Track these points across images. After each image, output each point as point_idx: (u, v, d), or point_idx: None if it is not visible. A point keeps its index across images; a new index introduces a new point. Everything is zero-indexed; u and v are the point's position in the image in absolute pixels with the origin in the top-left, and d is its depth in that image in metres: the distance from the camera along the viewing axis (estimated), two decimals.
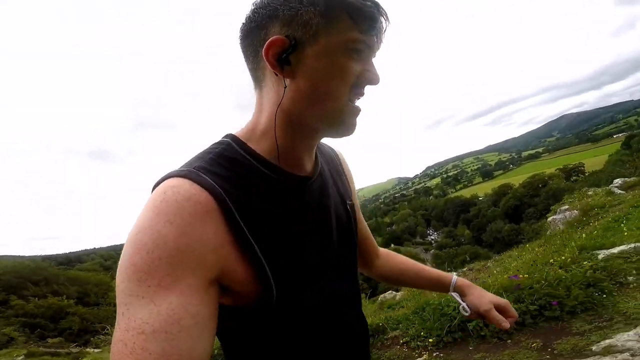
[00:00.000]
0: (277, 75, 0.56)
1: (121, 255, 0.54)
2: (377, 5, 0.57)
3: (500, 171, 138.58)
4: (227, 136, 0.60)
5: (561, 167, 56.53)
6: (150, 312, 0.50)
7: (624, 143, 42.39)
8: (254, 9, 0.58)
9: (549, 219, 6.94)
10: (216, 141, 0.60)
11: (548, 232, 6.53)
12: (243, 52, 0.61)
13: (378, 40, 0.59)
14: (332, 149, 0.78)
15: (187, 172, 0.54)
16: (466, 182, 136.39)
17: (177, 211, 0.53)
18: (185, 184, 0.53)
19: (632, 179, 7.55)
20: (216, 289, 0.55)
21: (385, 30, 0.59)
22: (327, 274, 0.63)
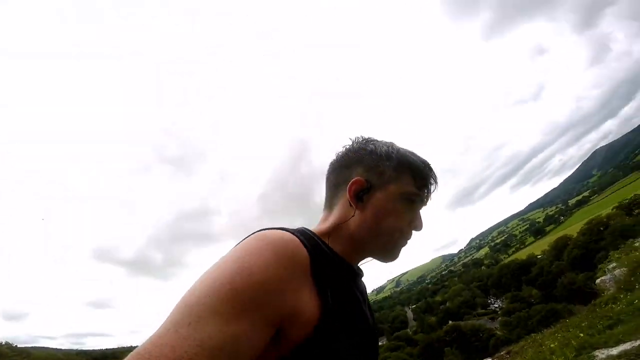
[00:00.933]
0: (351, 205, 0.79)
1: (211, 272, 0.72)
2: (432, 170, 0.80)
3: (552, 225, 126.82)
4: (301, 227, 0.79)
5: (617, 204, 51.65)
6: (220, 330, 0.70)
7: None
8: (345, 152, 0.80)
9: (598, 280, 6.38)
10: (294, 227, 0.79)
11: (598, 301, 5.72)
12: (328, 179, 0.80)
13: (428, 196, 0.81)
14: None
15: (287, 229, 0.77)
16: (518, 245, 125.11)
17: (284, 248, 0.75)
18: (288, 234, 0.76)
19: None
20: (276, 326, 0.75)
21: (434, 190, 0.81)
22: (368, 346, 0.79)
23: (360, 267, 0.84)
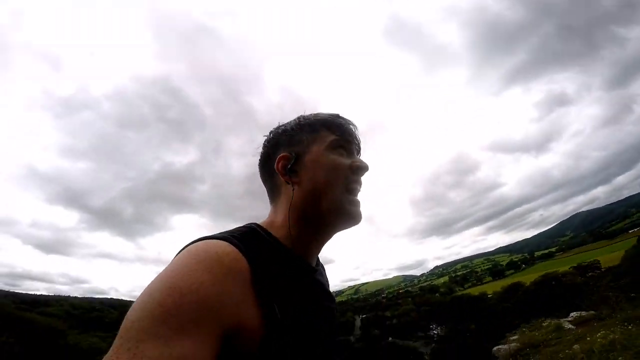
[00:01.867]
0: (287, 183, 0.78)
1: (144, 294, 0.70)
2: (342, 117, 0.80)
3: (512, 271, 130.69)
4: (251, 223, 0.77)
5: (575, 265, 53.46)
6: (162, 353, 0.67)
7: None
8: (264, 146, 0.80)
9: (495, 348, 6.63)
10: (241, 225, 0.76)
11: None
12: (262, 178, 0.80)
13: (353, 138, 0.80)
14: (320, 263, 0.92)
15: (223, 236, 0.74)
16: (475, 281, 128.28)
17: (216, 262, 0.71)
18: (224, 244, 0.73)
19: (587, 313, 7.13)
20: (220, 343, 0.72)
21: (356, 132, 0.80)
22: (319, 343, 0.77)
23: (320, 261, 0.83)
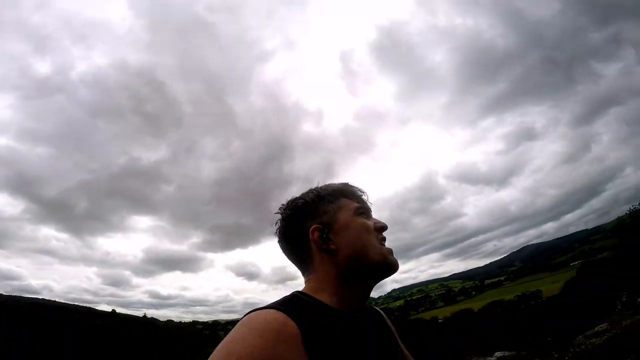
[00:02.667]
0: (324, 251, 0.86)
1: None
2: (354, 186, 0.93)
3: (463, 297, 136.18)
4: (293, 292, 0.85)
5: (519, 293, 56.88)
6: None
7: (579, 270, 43.31)
8: (284, 224, 0.88)
9: None
10: (286, 295, 0.85)
11: None
12: (287, 251, 0.88)
13: (367, 202, 0.92)
14: (374, 309, 0.99)
15: (271, 306, 0.82)
16: (428, 305, 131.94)
17: (266, 328, 0.80)
18: (272, 312, 0.82)
19: (510, 353, 7.35)
20: None
21: (367, 197, 0.93)
22: None
23: (371, 308, 0.94)
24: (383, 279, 0.86)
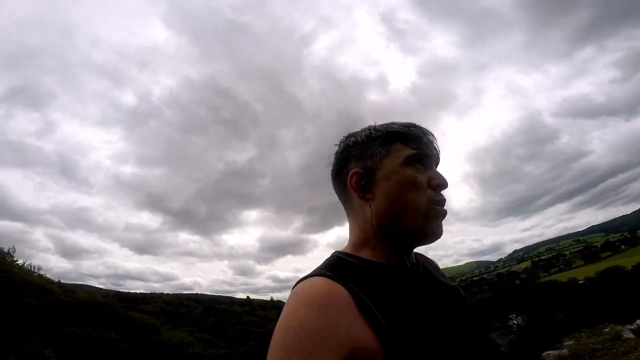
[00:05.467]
0: (361, 199, 0.75)
1: (272, 340, 0.75)
2: (417, 126, 0.76)
3: (609, 253, 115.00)
4: (333, 253, 0.78)
5: None
6: None
7: None
8: (335, 158, 0.80)
9: (544, 354, 6.39)
10: (327, 258, 0.78)
11: None
12: (336, 191, 0.81)
13: (431, 150, 0.76)
14: (428, 258, 0.89)
15: (314, 273, 0.76)
16: (562, 266, 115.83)
17: (315, 297, 0.75)
18: (317, 279, 0.75)
19: None
20: None
21: (435, 143, 0.77)
22: (449, 336, 0.75)
23: (417, 255, 0.82)
24: (421, 245, 0.76)
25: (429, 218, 0.75)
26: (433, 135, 0.76)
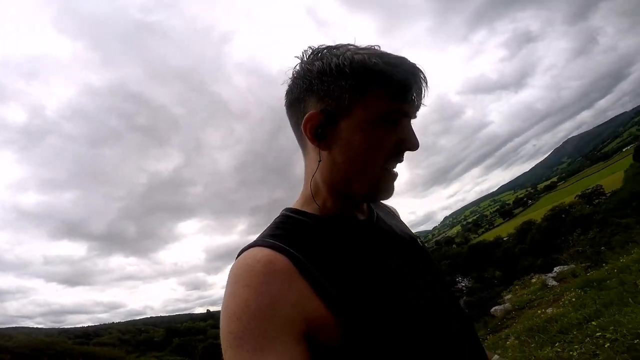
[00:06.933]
0: (315, 146, 0.61)
1: (220, 327, 0.59)
2: (412, 69, 0.56)
3: (520, 208, 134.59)
4: (284, 209, 0.68)
5: (579, 193, 55.59)
6: None
7: (635, 155, 41.77)
8: (292, 79, 0.62)
9: (492, 309, 6.94)
10: (278, 215, 0.68)
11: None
12: (289, 119, 0.66)
13: (415, 105, 0.59)
14: (385, 205, 0.81)
15: (255, 242, 0.61)
16: (487, 226, 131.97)
17: (250, 274, 0.58)
18: (255, 251, 0.59)
19: (568, 267, 7.13)
20: (306, 345, 0.57)
21: (423, 93, 0.59)
22: (408, 290, 0.63)
23: (379, 206, 0.77)
24: (370, 202, 0.68)
25: (381, 182, 0.62)
26: (424, 79, 0.58)
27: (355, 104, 0.57)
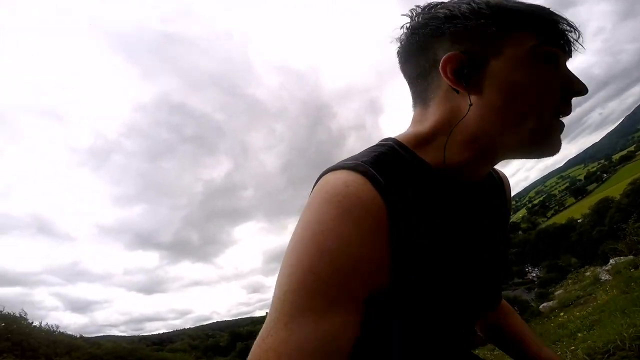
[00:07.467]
0: (458, 92, 0.53)
1: (292, 257, 0.50)
2: (554, 13, 0.52)
3: (594, 184, 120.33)
4: (388, 139, 0.58)
5: None
6: (316, 329, 0.48)
7: None
8: (410, 32, 0.57)
9: (540, 306, 6.64)
10: (378, 143, 0.59)
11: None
12: (406, 75, 0.61)
13: (568, 44, 0.53)
14: (501, 176, 0.73)
15: (362, 167, 0.51)
16: (557, 207, 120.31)
17: (363, 213, 0.49)
18: (364, 183, 0.50)
19: (626, 258, 5.78)
20: (362, 307, 0.51)
21: (573, 33, 0.53)
22: (471, 272, 0.58)
23: (495, 172, 0.69)
24: (527, 158, 0.59)
25: (553, 132, 0.54)
26: (570, 23, 0.53)
27: (504, 42, 0.51)
